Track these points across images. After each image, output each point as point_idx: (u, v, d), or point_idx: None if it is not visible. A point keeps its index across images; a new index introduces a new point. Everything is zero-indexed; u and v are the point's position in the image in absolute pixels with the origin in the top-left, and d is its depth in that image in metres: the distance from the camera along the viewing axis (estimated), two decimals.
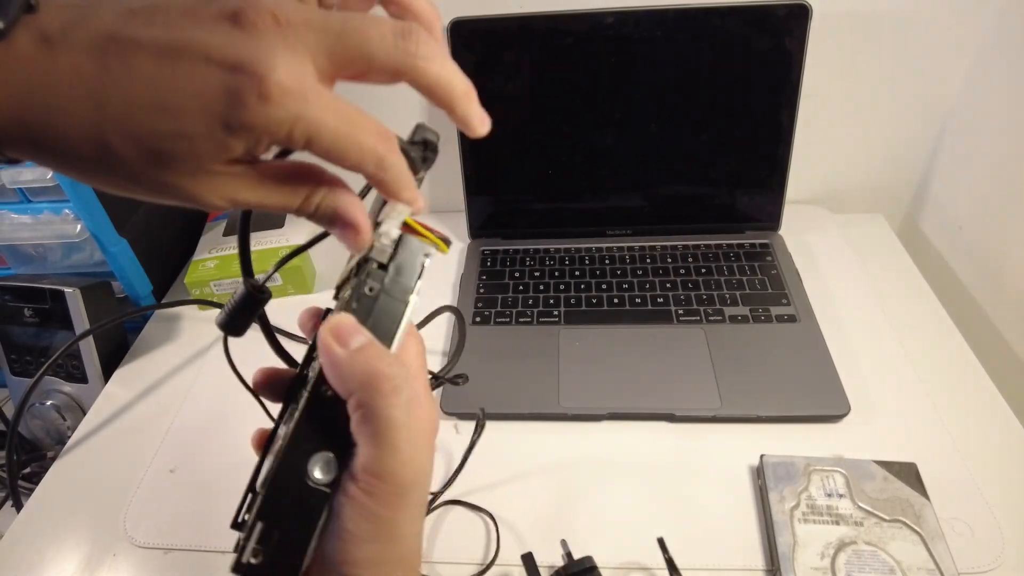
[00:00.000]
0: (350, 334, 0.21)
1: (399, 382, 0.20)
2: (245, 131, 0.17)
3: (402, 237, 0.22)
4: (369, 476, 0.20)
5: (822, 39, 0.55)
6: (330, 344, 0.20)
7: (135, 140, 0.17)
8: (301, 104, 0.17)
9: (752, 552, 0.39)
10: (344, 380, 0.20)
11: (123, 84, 0.17)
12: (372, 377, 0.20)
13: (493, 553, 0.39)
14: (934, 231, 0.64)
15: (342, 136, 0.19)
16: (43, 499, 0.46)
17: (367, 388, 0.20)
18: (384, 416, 0.20)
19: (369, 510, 0.20)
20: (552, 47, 0.55)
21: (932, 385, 0.48)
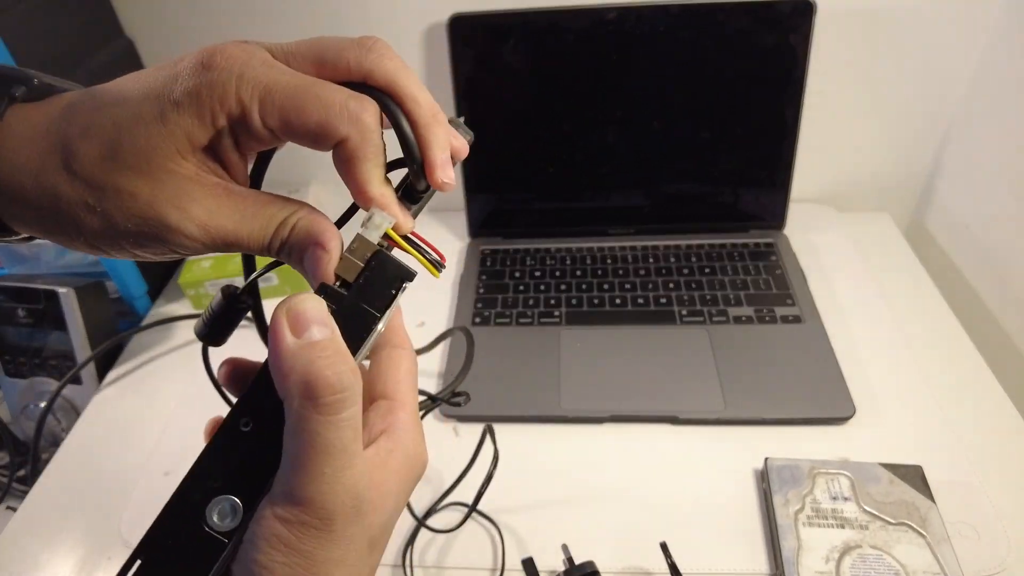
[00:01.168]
0: (310, 322, 0.17)
1: (345, 397, 0.17)
2: (191, 99, 0.17)
3: (377, 254, 0.19)
4: (285, 501, 0.17)
5: (827, 36, 0.54)
6: (281, 327, 0.17)
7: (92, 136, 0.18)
8: (244, 65, 0.18)
9: (756, 556, 0.38)
10: (282, 376, 0.17)
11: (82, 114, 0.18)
12: (313, 383, 0.17)
13: (499, 559, 0.39)
14: (941, 230, 0.64)
15: (299, 90, 0.18)
16: (37, 502, 0.45)
17: (304, 395, 0.17)
18: (313, 433, 0.17)
19: (283, 539, 0.17)
20: (553, 43, 0.54)
21: (938, 387, 0.47)
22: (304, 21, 0.59)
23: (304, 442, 0.17)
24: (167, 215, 0.18)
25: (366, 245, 0.19)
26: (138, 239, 0.18)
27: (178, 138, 0.18)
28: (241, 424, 0.18)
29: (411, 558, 0.40)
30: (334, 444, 0.17)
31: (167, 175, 0.18)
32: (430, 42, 0.59)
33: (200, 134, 0.18)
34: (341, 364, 0.17)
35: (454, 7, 0.54)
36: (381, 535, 0.19)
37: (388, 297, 0.19)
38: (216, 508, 0.18)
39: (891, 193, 0.66)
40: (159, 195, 0.18)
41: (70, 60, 0.52)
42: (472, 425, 0.47)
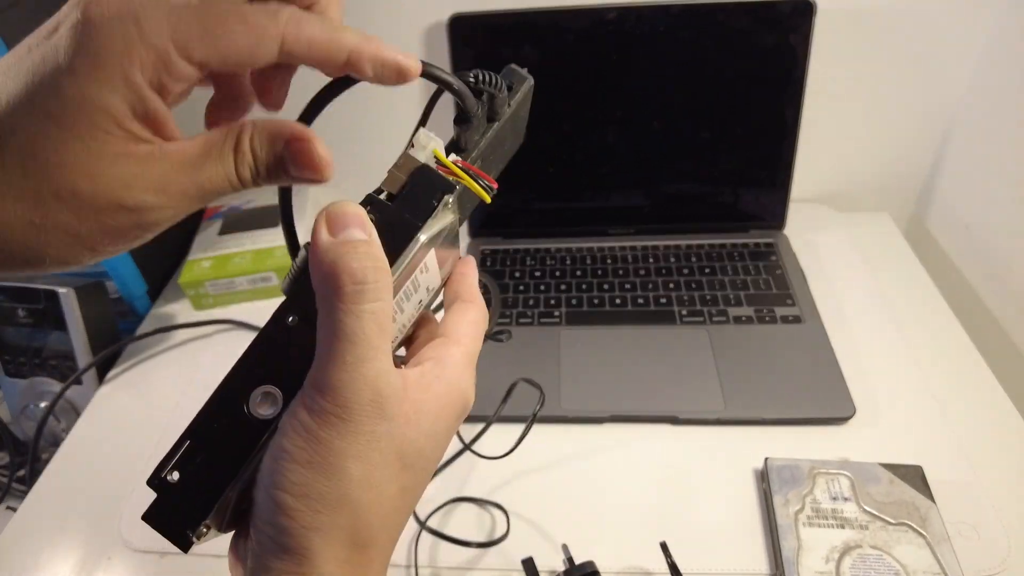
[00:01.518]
0: (348, 224, 0.18)
1: (367, 288, 0.17)
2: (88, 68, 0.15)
3: (420, 168, 0.20)
4: (312, 388, 0.17)
5: (827, 36, 0.54)
6: (319, 227, 0.18)
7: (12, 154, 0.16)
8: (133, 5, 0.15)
9: (756, 556, 0.38)
10: (314, 270, 0.18)
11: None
12: (335, 272, 0.17)
13: (501, 559, 0.39)
14: (941, 230, 0.64)
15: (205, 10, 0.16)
16: (37, 502, 0.45)
17: (328, 284, 0.17)
18: (337, 322, 0.17)
19: (305, 426, 0.17)
20: (553, 43, 0.54)
21: (938, 387, 0.47)
22: None
23: (329, 331, 0.17)
24: (123, 199, 0.17)
25: (411, 161, 0.20)
26: (108, 233, 0.17)
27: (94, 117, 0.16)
28: (288, 319, 0.19)
29: (415, 556, 0.39)
30: (356, 333, 0.17)
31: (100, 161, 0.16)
32: (430, 42, 0.59)
33: (117, 102, 0.16)
34: (367, 259, 0.18)
35: (454, 7, 0.54)
36: (416, 456, 0.19)
37: (430, 207, 0.20)
38: (258, 396, 0.19)
39: (891, 193, 0.66)
40: (102, 185, 0.16)
41: None
42: (472, 425, 0.47)
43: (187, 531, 0.18)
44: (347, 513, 0.18)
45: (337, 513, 0.17)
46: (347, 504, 0.17)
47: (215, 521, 0.19)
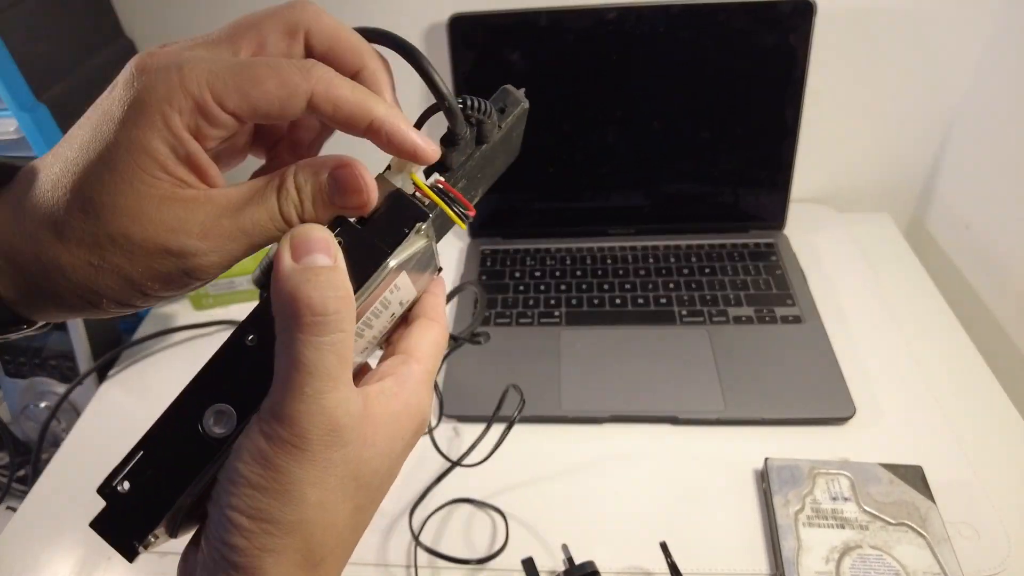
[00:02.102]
0: (312, 249, 0.18)
1: (328, 320, 0.17)
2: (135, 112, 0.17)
3: (393, 193, 0.19)
4: (269, 415, 0.18)
5: (827, 36, 0.54)
6: (283, 250, 0.18)
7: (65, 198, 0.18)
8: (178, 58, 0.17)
9: (756, 556, 0.38)
10: (275, 296, 0.18)
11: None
12: (295, 302, 0.17)
13: (500, 559, 0.39)
14: (941, 230, 0.64)
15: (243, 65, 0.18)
16: (37, 502, 0.45)
17: (288, 313, 0.17)
18: (296, 352, 0.17)
19: (262, 452, 0.17)
20: (553, 43, 0.54)
21: (938, 387, 0.47)
22: None
23: (287, 360, 0.17)
24: (168, 243, 0.18)
25: (385, 184, 0.20)
26: (158, 278, 0.18)
27: (139, 159, 0.17)
28: (247, 339, 0.19)
29: (415, 556, 0.39)
30: (316, 365, 0.17)
31: (147, 205, 0.18)
32: (430, 42, 0.59)
33: (158, 144, 0.17)
34: (329, 290, 0.17)
35: (454, 7, 0.54)
36: (372, 475, 0.19)
37: (400, 235, 0.19)
38: (212, 414, 0.18)
39: (891, 193, 0.66)
40: (150, 229, 0.18)
41: (70, 60, 0.52)
42: (473, 425, 0.47)
43: (133, 541, 0.18)
44: (301, 536, 0.18)
45: (291, 536, 0.18)
46: (302, 528, 0.18)
47: (165, 528, 0.19)
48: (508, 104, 0.23)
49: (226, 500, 0.17)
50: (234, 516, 0.17)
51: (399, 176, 0.20)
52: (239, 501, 0.17)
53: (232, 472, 0.18)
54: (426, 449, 0.43)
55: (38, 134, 0.47)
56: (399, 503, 0.42)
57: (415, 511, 0.42)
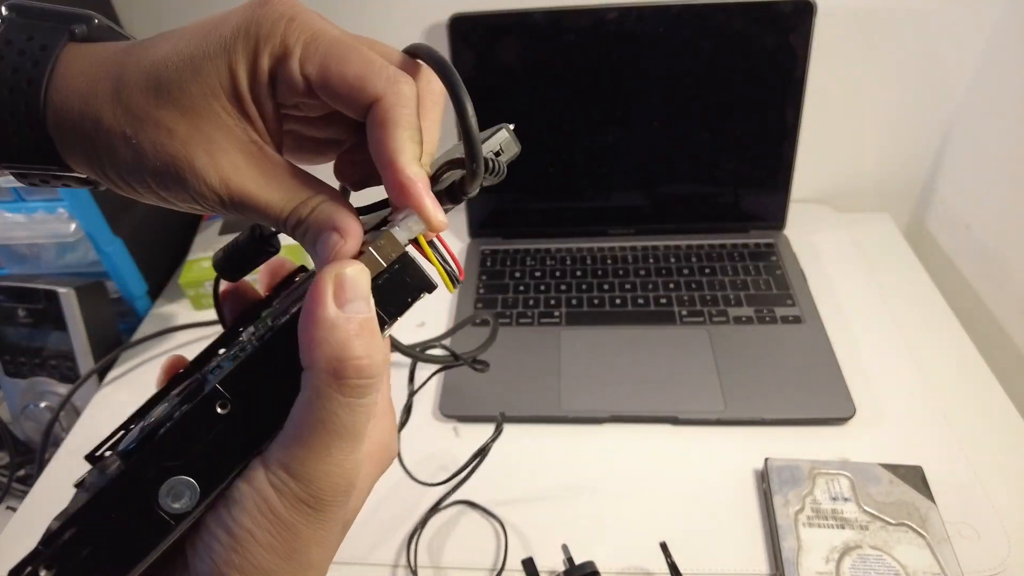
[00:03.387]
0: (354, 296, 0.16)
1: (373, 383, 0.16)
2: (238, 34, 0.17)
3: (403, 257, 0.18)
4: (282, 470, 0.16)
5: (827, 36, 0.54)
6: (324, 295, 0.16)
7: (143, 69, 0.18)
8: (298, 9, 0.18)
9: (756, 557, 0.38)
10: (314, 344, 0.16)
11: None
12: (343, 361, 0.16)
13: (500, 560, 0.39)
14: (941, 230, 0.64)
15: (344, 44, 0.18)
16: (37, 502, 0.45)
17: (333, 372, 0.16)
18: (330, 413, 0.16)
19: (273, 509, 0.16)
20: (553, 43, 0.54)
21: (938, 387, 0.47)
22: None
23: (318, 419, 0.16)
24: (196, 158, 0.17)
25: (394, 245, 0.18)
26: (163, 179, 0.18)
27: (223, 76, 0.18)
28: (217, 405, 0.17)
29: (414, 557, 0.39)
30: (348, 428, 0.16)
31: (206, 118, 0.17)
32: (430, 42, 0.59)
33: (242, 72, 0.18)
34: (377, 350, 0.16)
35: (454, 7, 0.54)
36: (352, 518, 0.19)
37: (404, 304, 0.18)
38: (171, 489, 0.16)
39: (891, 193, 0.66)
40: (194, 136, 0.17)
41: None
42: (472, 425, 0.47)
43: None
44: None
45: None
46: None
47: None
48: (503, 150, 0.22)
49: (225, 556, 0.16)
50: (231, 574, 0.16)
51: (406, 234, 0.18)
52: (239, 558, 0.16)
53: (234, 525, 0.16)
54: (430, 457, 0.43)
55: None
56: (401, 506, 0.42)
57: (415, 533, 0.42)
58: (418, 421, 0.47)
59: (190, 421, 0.17)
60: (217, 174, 0.17)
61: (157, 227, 0.62)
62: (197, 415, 0.17)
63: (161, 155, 0.17)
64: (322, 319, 0.16)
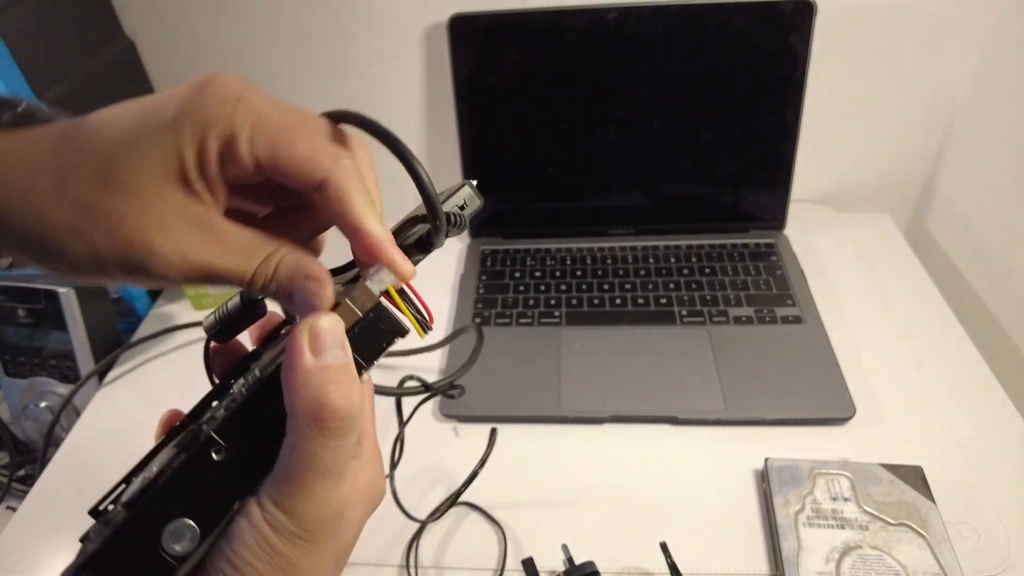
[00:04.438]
0: (329, 344, 0.18)
1: (351, 424, 0.18)
2: (184, 118, 0.18)
3: (376, 307, 0.19)
4: (277, 509, 0.18)
5: (827, 36, 0.54)
6: (301, 346, 0.18)
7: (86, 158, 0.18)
8: (243, 91, 0.18)
9: (756, 557, 0.38)
10: (294, 392, 0.18)
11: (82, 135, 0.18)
12: (323, 407, 0.17)
13: (501, 560, 0.39)
14: (941, 231, 0.64)
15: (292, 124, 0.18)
16: (37, 502, 0.45)
17: (312, 416, 0.17)
18: (313, 455, 0.18)
19: (271, 544, 0.18)
20: (553, 43, 0.54)
21: (938, 387, 0.47)
22: (305, 22, 0.59)
23: (302, 461, 0.18)
24: (152, 240, 0.18)
25: (368, 296, 0.19)
26: (123, 266, 0.18)
27: (169, 159, 0.18)
28: (212, 452, 0.18)
29: (415, 558, 0.39)
30: (330, 467, 0.18)
31: (155, 199, 0.18)
32: (430, 42, 0.59)
33: (190, 155, 0.18)
34: (352, 392, 0.18)
35: (454, 7, 0.54)
36: (346, 551, 0.21)
37: (379, 349, 0.20)
38: (173, 532, 0.18)
39: (891, 193, 0.66)
40: (145, 220, 0.18)
41: (70, 60, 0.52)
42: (472, 425, 0.47)
43: None
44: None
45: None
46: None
47: None
48: (467, 203, 0.23)
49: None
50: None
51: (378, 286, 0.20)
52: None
53: (237, 558, 0.18)
54: (427, 468, 0.43)
55: None
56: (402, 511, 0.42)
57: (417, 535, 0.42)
58: (418, 421, 0.47)
59: (188, 468, 0.18)
60: (175, 252, 0.18)
61: None
62: (194, 463, 0.18)
63: (117, 243, 0.18)
64: (300, 368, 0.18)
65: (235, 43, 0.60)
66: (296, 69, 0.62)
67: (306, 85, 0.63)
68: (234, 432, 0.18)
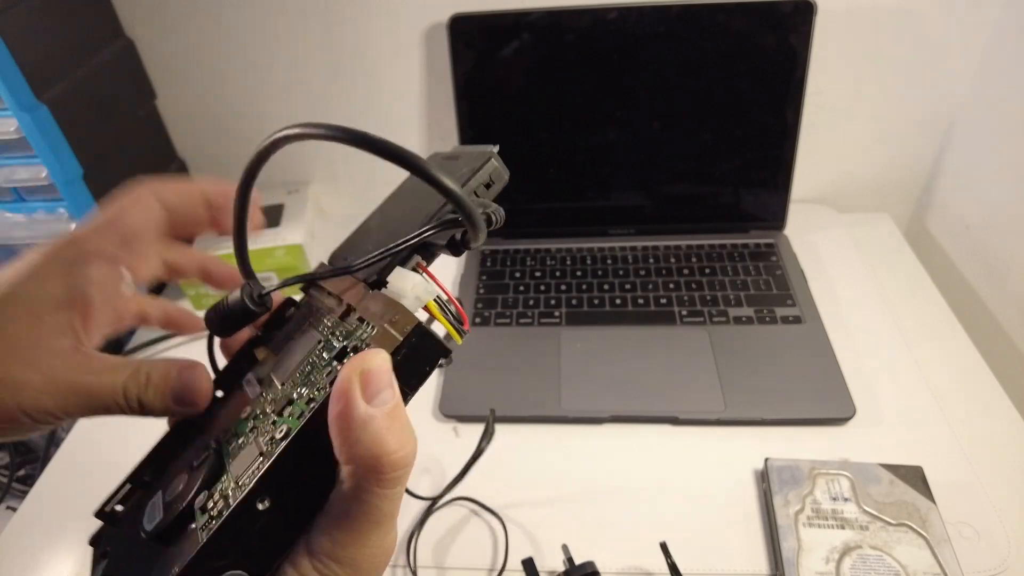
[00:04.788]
0: (381, 387, 0.17)
1: (402, 472, 0.17)
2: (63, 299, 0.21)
3: (417, 328, 0.17)
4: (329, 559, 0.17)
5: (827, 36, 0.54)
6: (354, 392, 0.16)
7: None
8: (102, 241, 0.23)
9: (756, 557, 0.38)
10: (350, 443, 0.17)
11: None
12: (379, 457, 0.16)
13: (501, 560, 0.39)
14: (941, 231, 0.64)
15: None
16: (37, 502, 0.45)
17: (370, 467, 0.17)
18: (371, 505, 0.17)
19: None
20: (553, 43, 0.54)
21: (938, 387, 0.47)
22: (305, 22, 0.59)
23: (360, 511, 0.17)
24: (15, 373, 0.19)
25: (407, 318, 0.18)
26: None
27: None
28: (257, 503, 0.17)
29: (414, 557, 0.39)
30: (386, 515, 0.18)
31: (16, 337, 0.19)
32: (430, 42, 0.59)
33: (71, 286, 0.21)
34: (408, 439, 0.17)
35: (454, 7, 0.54)
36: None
37: (423, 374, 0.18)
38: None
39: (891, 194, 0.66)
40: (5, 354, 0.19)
41: (70, 60, 0.52)
42: (472, 425, 0.47)
43: None
44: None
45: None
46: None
47: None
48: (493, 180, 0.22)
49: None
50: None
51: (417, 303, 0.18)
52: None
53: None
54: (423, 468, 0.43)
55: (38, 134, 0.47)
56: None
57: (416, 533, 0.42)
58: (418, 421, 0.47)
59: (234, 521, 0.17)
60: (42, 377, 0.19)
61: None
62: (240, 515, 0.17)
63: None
64: (355, 420, 0.16)
65: (235, 43, 0.60)
66: (296, 69, 0.62)
67: (306, 85, 0.63)
68: (279, 481, 0.17)
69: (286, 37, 0.60)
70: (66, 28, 0.52)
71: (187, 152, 0.68)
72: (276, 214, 0.63)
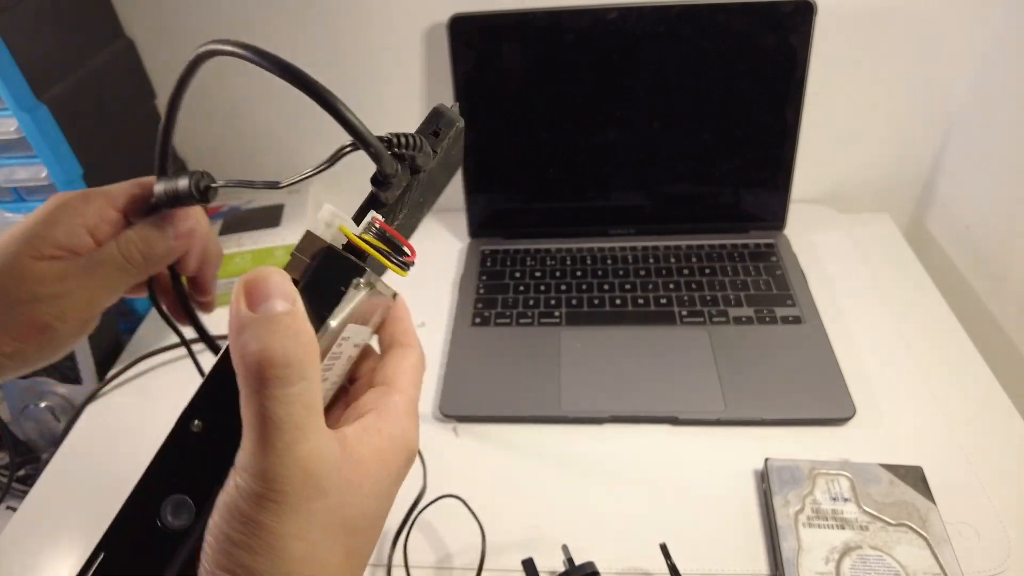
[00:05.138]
0: (269, 295, 0.17)
1: (291, 372, 0.17)
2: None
3: (322, 250, 0.18)
4: (244, 472, 0.17)
5: (828, 36, 0.54)
6: (238, 300, 0.17)
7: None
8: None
9: (756, 557, 0.38)
10: (232, 350, 0.17)
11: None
12: (259, 357, 0.16)
13: (500, 560, 0.39)
14: (941, 231, 0.64)
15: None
16: (37, 502, 0.45)
17: (251, 369, 0.17)
18: (261, 407, 0.17)
19: (241, 510, 0.17)
20: (553, 43, 0.54)
21: (938, 387, 0.47)
22: (304, 21, 0.59)
23: (253, 416, 0.17)
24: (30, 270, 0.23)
25: (314, 241, 0.18)
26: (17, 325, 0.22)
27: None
28: (191, 425, 0.18)
29: (403, 555, 0.39)
30: (283, 419, 0.17)
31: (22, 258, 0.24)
32: (430, 42, 0.59)
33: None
34: (290, 337, 0.17)
35: (454, 7, 0.54)
36: (361, 518, 0.19)
37: (337, 295, 0.18)
38: (169, 507, 0.18)
39: (891, 193, 0.66)
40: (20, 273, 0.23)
41: (70, 60, 0.52)
42: (472, 425, 0.47)
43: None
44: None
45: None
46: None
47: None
48: (442, 126, 0.22)
49: (212, 558, 0.17)
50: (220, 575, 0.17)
51: (329, 230, 0.19)
52: (225, 559, 0.17)
53: (215, 531, 0.17)
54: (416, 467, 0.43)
55: (38, 134, 0.47)
56: (397, 504, 0.42)
57: (404, 527, 0.42)
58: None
59: (172, 443, 0.18)
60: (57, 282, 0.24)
61: None
62: (177, 436, 0.18)
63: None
64: (235, 323, 0.17)
65: None
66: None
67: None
68: (208, 403, 0.18)
69: (286, 37, 0.60)
70: (66, 28, 0.52)
71: (187, 152, 0.68)
72: (276, 214, 0.63)
